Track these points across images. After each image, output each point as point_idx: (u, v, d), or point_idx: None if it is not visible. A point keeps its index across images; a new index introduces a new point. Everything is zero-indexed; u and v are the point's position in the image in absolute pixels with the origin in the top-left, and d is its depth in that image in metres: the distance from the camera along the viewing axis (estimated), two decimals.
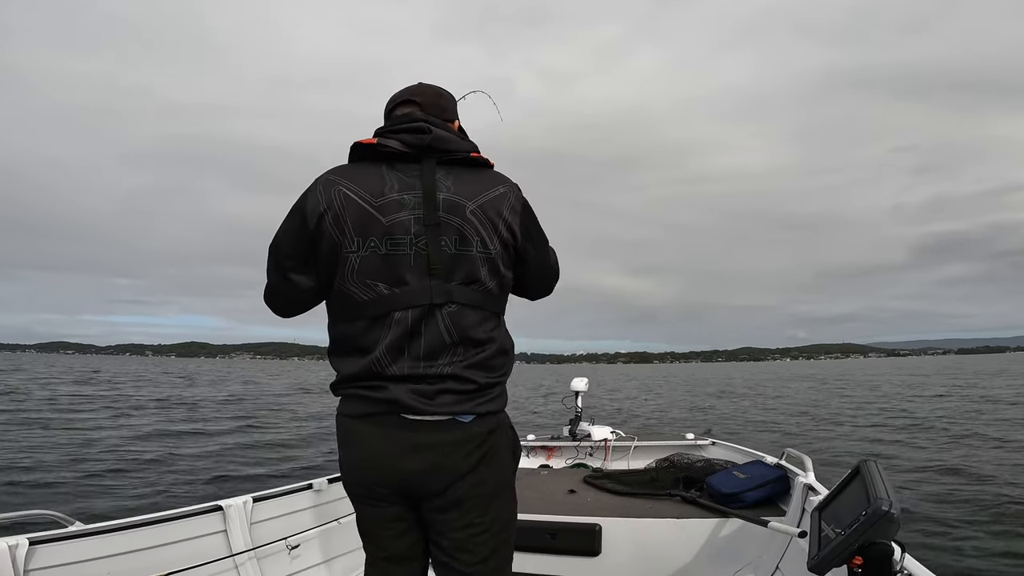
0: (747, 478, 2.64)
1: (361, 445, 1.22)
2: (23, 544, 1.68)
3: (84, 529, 1.85)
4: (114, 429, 10.90)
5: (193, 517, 2.12)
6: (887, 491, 1.40)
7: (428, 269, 1.20)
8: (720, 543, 2.35)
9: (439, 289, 1.20)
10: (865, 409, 15.24)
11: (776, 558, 2.20)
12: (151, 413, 14.30)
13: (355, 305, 1.20)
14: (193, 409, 15.61)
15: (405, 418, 1.18)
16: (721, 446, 3.55)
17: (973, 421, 11.44)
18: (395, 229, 1.19)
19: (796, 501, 2.36)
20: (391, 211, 1.20)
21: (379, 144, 1.24)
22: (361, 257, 1.19)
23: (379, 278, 1.19)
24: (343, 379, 1.23)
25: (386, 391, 1.18)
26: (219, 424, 12.40)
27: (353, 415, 1.22)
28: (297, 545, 2.40)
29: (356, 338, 1.21)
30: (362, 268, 1.19)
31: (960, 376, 33.48)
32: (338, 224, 1.19)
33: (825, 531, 1.57)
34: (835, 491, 1.75)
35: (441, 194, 1.23)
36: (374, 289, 1.19)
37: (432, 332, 1.19)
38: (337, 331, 1.25)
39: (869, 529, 1.34)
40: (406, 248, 1.20)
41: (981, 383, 24.91)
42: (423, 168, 1.24)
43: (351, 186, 1.21)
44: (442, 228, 1.21)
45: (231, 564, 2.15)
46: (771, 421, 13.08)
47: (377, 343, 1.18)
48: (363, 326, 1.20)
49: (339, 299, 1.23)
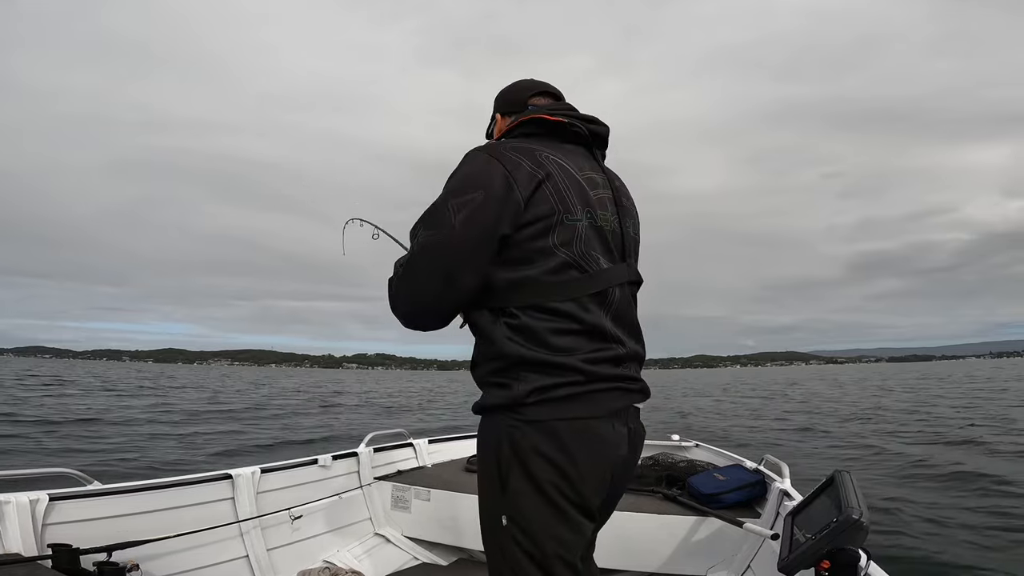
0: (726, 480, 2.75)
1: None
2: (43, 499, 1.77)
3: (101, 488, 1.94)
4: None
5: (204, 484, 2.21)
6: (858, 500, 1.45)
7: (623, 248, 1.20)
8: (697, 540, 2.46)
9: (632, 269, 1.22)
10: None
11: (748, 558, 2.31)
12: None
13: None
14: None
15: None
16: (704, 448, 3.67)
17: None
18: (601, 204, 1.17)
19: (771, 505, 2.46)
20: (594, 187, 1.18)
21: (569, 124, 1.20)
22: (584, 227, 1.12)
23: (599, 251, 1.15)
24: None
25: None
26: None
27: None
28: (300, 516, 2.51)
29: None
30: (587, 238, 1.13)
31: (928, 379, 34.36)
32: (558, 192, 1.10)
33: (797, 535, 1.61)
34: (809, 498, 1.81)
35: (615, 181, 1.26)
36: (597, 262, 1.14)
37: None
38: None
39: (839, 536, 1.39)
40: (609, 225, 1.18)
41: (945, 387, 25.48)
42: (594, 153, 1.26)
43: (557, 156, 1.14)
44: (624, 211, 1.24)
45: (236, 530, 2.25)
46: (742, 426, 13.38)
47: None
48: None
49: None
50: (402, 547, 2.86)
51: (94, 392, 22.81)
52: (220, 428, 11.61)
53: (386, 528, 2.95)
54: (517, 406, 1.09)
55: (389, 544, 2.88)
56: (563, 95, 1.37)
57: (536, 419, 1.08)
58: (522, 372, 1.09)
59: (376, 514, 2.97)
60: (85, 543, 1.73)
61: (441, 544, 2.85)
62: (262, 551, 2.32)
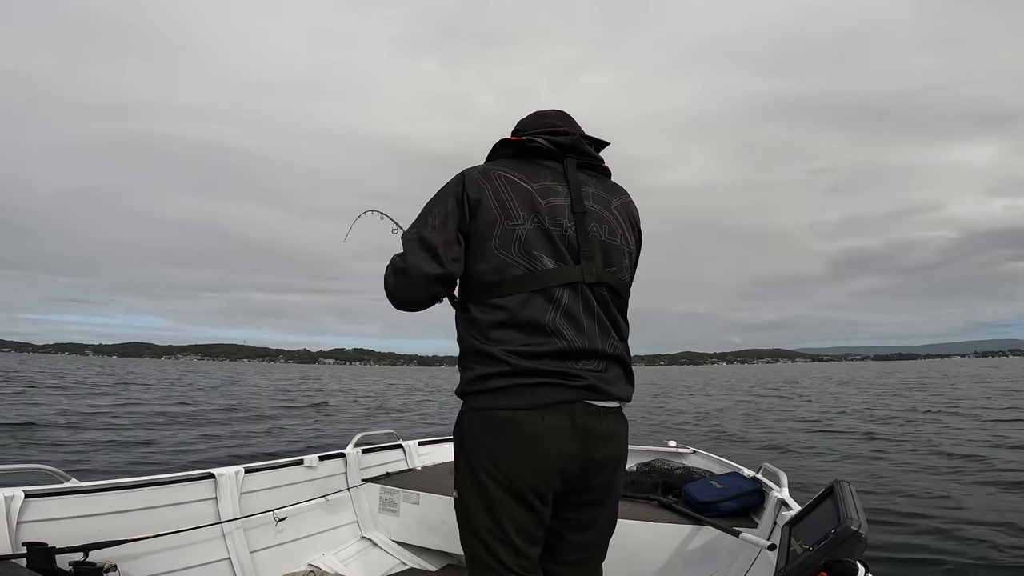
0: (723, 488, 2.70)
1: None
2: (19, 496, 1.73)
3: (79, 486, 1.89)
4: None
5: (185, 483, 2.17)
6: (857, 512, 1.44)
7: (578, 251, 1.31)
8: (693, 549, 2.42)
9: (591, 271, 1.31)
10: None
11: (745, 568, 2.27)
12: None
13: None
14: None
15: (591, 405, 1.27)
16: (701, 455, 3.62)
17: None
18: (553, 211, 1.30)
19: (769, 514, 2.42)
20: (549, 195, 1.32)
21: (528, 141, 1.38)
22: (527, 230, 1.28)
23: (544, 252, 1.29)
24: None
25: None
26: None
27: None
28: (284, 518, 2.46)
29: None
30: (528, 240, 1.28)
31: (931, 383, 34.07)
32: (499, 200, 1.29)
33: (794, 546, 1.60)
34: (807, 508, 1.79)
35: (587, 188, 1.38)
36: (541, 261, 1.27)
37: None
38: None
39: (837, 547, 1.37)
40: (561, 229, 1.30)
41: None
42: (565, 165, 1.39)
43: (510, 172, 1.33)
44: (589, 216, 1.34)
45: (219, 531, 2.20)
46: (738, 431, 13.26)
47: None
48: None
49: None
50: (390, 551, 2.81)
51: (42, 390, 20.41)
52: (192, 434, 10.37)
53: (373, 532, 2.90)
54: (465, 394, 1.30)
55: (376, 548, 2.82)
56: (573, 120, 1.51)
57: (475, 407, 1.27)
58: (468, 362, 1.29)
59: (363, 517, 2.92)
60: (61, 542, 1.69)
61: (430, 549, 2.79)
62: (245, 553, 2.27)
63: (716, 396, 26.42)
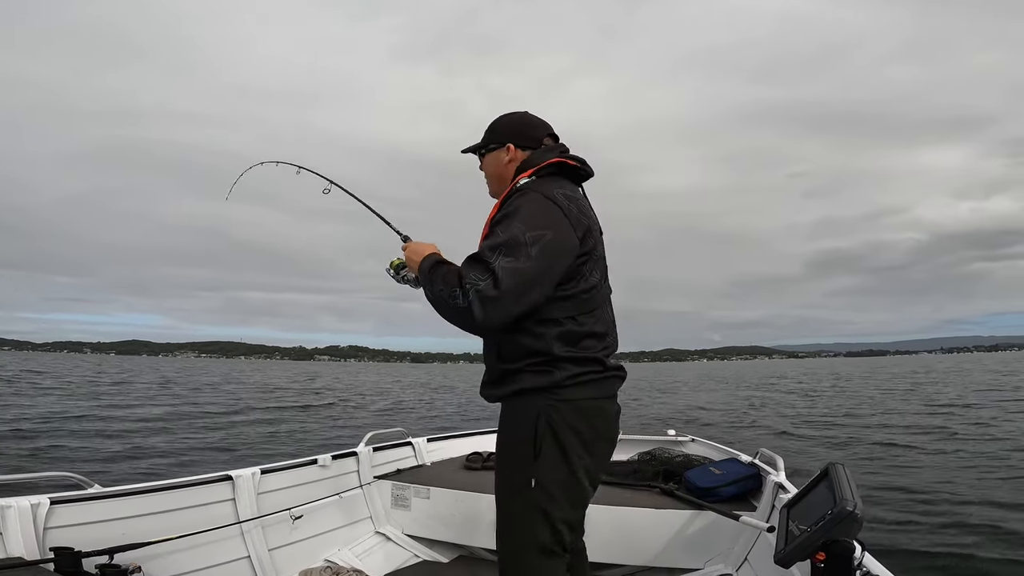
0: (722, 474, 2.78)
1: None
2: (44, 503, 1.77)
3: (102, 492, 1.94)
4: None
5: (204, 485, 2.22)
6: (852, 493, 1.49)
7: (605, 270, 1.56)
8: (694, 534, 2.50)
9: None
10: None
11: (745, 550, 2.35)
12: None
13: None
14: None
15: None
16: (699, 443, 3.71)
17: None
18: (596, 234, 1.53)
19: (767, 498, 2.49)
20: (590, 215, 1.53)
21: (580, 167, 1.57)
22: (599, 253, 1.52)
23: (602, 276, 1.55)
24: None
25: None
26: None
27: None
28: (300, 516, 2.52)
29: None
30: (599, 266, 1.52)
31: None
32: (593, 233, 1.49)
33: (792, 527, 1.65)
34: (804, 490, 1.85)
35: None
36: (602, 278, 1.53)
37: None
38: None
39: (834, 527, 1.43)
40: (600, 251, 1.54)
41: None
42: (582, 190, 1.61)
43: (574, 193, 1.51)
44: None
45: (238, 531, 2.26)
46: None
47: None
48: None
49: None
50: (403, 545, 2.88)
51: (38, 389, 19.56)
52: (190, 438, 9.85)
53: (386, 526, 2.97)
54: (555, 388, 1.40)
55: (390, 542, 2.89)
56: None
57: (569, 399, 1.40)
58: (561, 363, 1.41)
59: (376, 513, 2.98)
60: (87, 546, 1.74)
61: (441, 541, 2.87)
62: (263, 551, 2.33)
63: (706, 390, 26.74)
